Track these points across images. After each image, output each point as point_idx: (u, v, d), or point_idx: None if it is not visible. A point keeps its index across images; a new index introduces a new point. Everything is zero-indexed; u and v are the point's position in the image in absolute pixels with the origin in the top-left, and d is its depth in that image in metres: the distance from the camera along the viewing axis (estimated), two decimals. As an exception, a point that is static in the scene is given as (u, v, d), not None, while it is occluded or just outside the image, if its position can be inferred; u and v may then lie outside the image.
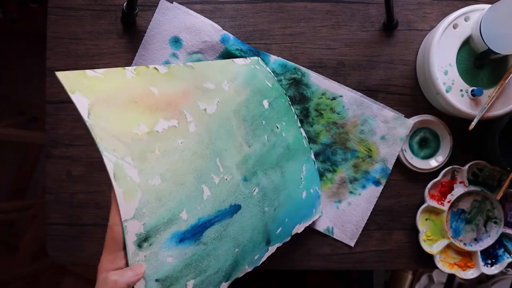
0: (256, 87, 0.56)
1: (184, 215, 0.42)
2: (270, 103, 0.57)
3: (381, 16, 0.63)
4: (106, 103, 0.39)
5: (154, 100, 0.43)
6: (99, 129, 0.38)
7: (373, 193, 0.64)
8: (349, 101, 0.63)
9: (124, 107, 0.40)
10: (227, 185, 0.47)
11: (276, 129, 0.56)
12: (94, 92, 0.39)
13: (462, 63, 0.58)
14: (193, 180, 0.44)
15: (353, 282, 1.09)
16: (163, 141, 0.42)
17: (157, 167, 0.40)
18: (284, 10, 0.63)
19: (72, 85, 0.38)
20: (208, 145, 0.46)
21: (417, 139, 0.64)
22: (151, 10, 0.62)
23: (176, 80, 0.47)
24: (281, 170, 0.56)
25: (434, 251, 0.63)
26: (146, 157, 0.40)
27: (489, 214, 0.64)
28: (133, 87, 0.42)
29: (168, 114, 0.43)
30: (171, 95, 0.45)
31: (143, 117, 0.41)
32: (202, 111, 0.47)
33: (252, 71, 0.56)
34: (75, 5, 0.62)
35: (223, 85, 0.51)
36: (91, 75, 0.40)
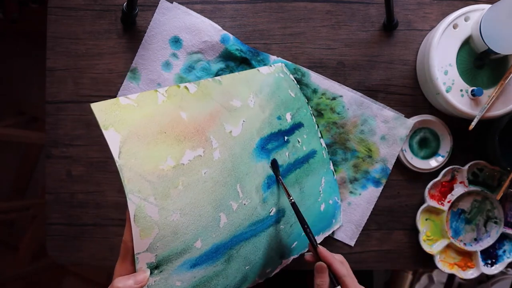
0: (280, 99, 0.55)
1: (198, 244, 0.43)
2: (293, 116, 0.56)
3: (381, 16, 0.63)
4: (137, 137, 0.40)
5: (182, 127, 0.43)
6: (128, 170, 0.38)
7: (373, 193, 0.64)
8: (349, 101, 0.63)
9: (154, 139, 0.41)
10: (244, 209, 0.47)
11: (297, 143, 0.56)
12: (126, 125, 0.40)
13: (462, 63, 0.58)
14: (211, 210, 0.44)
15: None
16: (187, 174, 0.42)
17: (178, 203, 0.41)
18: (284, 10, 0.63)
19: (106, 119, 0.39)
20: (230, 171, 0.46)
21: (417, 139, 0.64)
22: (151, 10, 0.62)
23: (205, 99, 0.47)
24: (300, 186, 0.55)
25: (434, 251, 0.63)
26: (169, 193, 0.40)
27: (489, 214, 0.64)
28: (163, 113, 0.43)
29: (195, 143, 0.44)
30: (199, 120, 0.45)
31: (170, 150, 0.42)
32: (228, 134, 0.47)
33: (276, 80, 0.56)
34: (75, 5, 0.62)
35: (249, 101, 0.51)
36: (124, 104, 0.41)
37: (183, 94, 0.45)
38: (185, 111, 0.44)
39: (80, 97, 0.62)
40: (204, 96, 0.47)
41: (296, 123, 0.57)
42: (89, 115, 0.63)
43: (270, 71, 0.57)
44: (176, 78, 0.61)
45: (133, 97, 0.41)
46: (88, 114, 0.62)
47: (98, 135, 0.63)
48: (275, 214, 0.51)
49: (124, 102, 0.40)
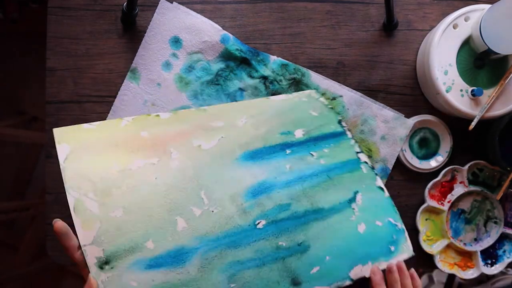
0: (290, 119, 0.55)
1: (150, 244, 0.43)
2: (307, 132, 0.55)
3: (381, 16, 0.63)
4: (86, 149, 0.45)
5: (138, 142, 0.47)
6: (70, 171, 0.43)
7: (373, 193, 0.64)
8: (349, 101, 0.63)
9: (103, 151, 0.45)
10: (213, 217, 0.46)
11: (310, 156, 0.54)
12: (79, 141, 0.45)
13: (462, 63, 0.58)
14: (164, 212, 0.45)
15: (353, 282, 1.09)
16: (134, 178, 0.45)
17: (120, 201, 0.43)
18: (284, 10, 0.63)
19: (62, 137, 0.45)
20: (191, 179, 0.47)
21: (417, 139, 0.64)
22: (151, 10, 0.62)
23: (177, 122, 0.50)
24: (310, 200, 0.50)
25: (434, 251, 0.63)
26: (111, 192, 0.43)
27: (489, 214, 0.64)
28: (121, 133, 0.47)
29: (149, 153, 0.47)
30: (160, 137, 0.48)
31: (119, 158, 0.45)
32: (195, 148, 0.49)
33: (294, 104, 0.56)
34: (75, 5, 0.62)
35: (238, 121, 0.52)
36: (85, 128, 0.46)
37: (151, 121, 0.49)
38: (147, 131, 0.48)
39: (80, 97, 0.62)
40: (177, 120, 0.50)
41: (311, 137, 0.55)
42: (89, 115, 0.62)
43: (288, 98, 0.57)
44: (176, 78, 0.61)
45: (96, 123, 0.47)
46: (88, 114, 0.62)
47: (98, 135, 0.62)
48: (264, 227, 0.47)
49: (85, 126, 0.46)
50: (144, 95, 0.62)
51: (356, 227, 0.51)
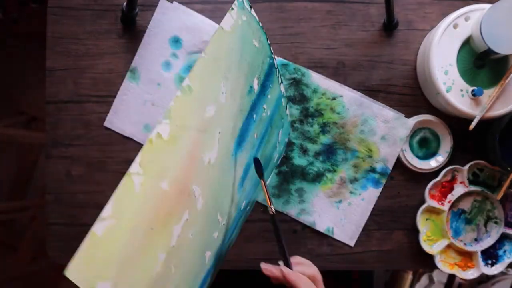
0: (247, 64, 0.46)
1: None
2: (259, 78, 0.48)
3: (381, 16, 0.63)
4: (127, 265, 0.33)
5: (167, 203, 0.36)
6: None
7: (373, 193, 0.64)
8: (349, 101, 0.63)
9: (143, 248, 0.34)
10: (222, 229, 0.45)
11: (263, 112, 0.50)
12: (113, 263, 0.32)
13: (462, 63, 0.58)
14: (198, 258, 0.41)
15: (353, 282, 1.09)
16: (177, 253, 0.37)
17: (173, 285, 0.37)
18: (284, 10, 0.63)
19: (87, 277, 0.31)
20: (211, 208, 0.42)
21: (417, 139, 0.64)
22: (151, 10, 0.62)
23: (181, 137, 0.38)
24: (263, 159, 0.51)
25: (434, 251, 0.63)
26: (165, 286, 0.36)
27: (490, 214, 0.64)
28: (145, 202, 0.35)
29: (180, 212, 0.38)
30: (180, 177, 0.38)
31: (159, 243, 0.36)
32: (207, 167, 0.41)
33: (242, 33, 0.45)
34: (75, 5, 0.62)
35: (221, 95, 0.42)
36: (102, 234, 0.32)
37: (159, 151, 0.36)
38: (165, 177, 0.36)
39: (80, 97, 0.62)
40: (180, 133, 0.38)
41: (261, 84, 0.49)
42: (89, 115, 0.62)
43: (233, 21, 0.44)
44: (176, 78, 0.61)
45: (108, 211, 0.32)
46: (88, 114, 0.62)
47: (98, 135, 0.63)
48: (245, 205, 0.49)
49: (100, 231, 0.32)
50: (144, 95, 0.61)
51: (274, 159, 0.56)
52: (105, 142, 0.62)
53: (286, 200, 0.64)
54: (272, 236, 0.64)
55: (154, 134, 0.35)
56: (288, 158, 0.63)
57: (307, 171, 0.63)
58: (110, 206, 0.32)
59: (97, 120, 0.62)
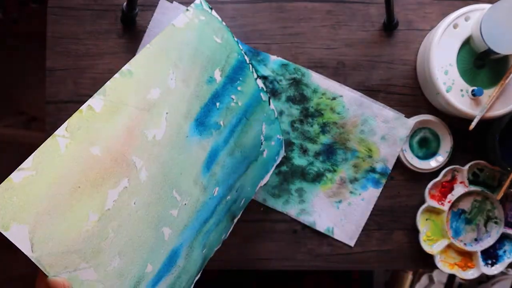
0: (205, 56, 0.47)
1: (149, 268, 0.41)
2: (222, 70, 0.49)
3: (381, 16, 0.63)
4: (48, 215, 0.34)
5: (98, 167, 0.38)
6: (47, 256, 0.34)
7: (373, 193, 0.64)
8: (349, 101, 0.63)
9: (69, 203, 0.35)
10: (186, 209, 0.45)
11: (232, 102, 0.50)
12: (30, 209, 0.33)
13: (462, 63, 0.58)
14: (151, 232, 0.41)
15: (353, 282, 1.09)
16: (115, 217, 0.38)
17: (113, 249, 0.38)
18: (284, 10, 0.63)
19: (3, 217, 0.32)
20: (162, 183, 0.42)
21: (417, 139, 0.64)
22: (151, 10, 0.62)
23: (117, 112, 0.40)
24: (240, 149, 0.51)
25: (434, 251, 0.63)
26: (100, 248, 0.37)
27: (490, 214, 0.64)
28: (71, 164, 0.36)
29: (116, 177, 0.39)
30: (115, 146, 0.39)
31: (91, 203, 0.37)
32: (152, 141, 0.42)
33: (197, 30, 0.47)
34: (75, 5, 0.62)
35: (169, 80, 0.44)
36: (19, 181, 0.33)
37: (89, 121, 0.38)
38: (96, 144, 0.38)
39: (80, 97, 0.62)
40: (115, 108, 0.40)
41: (227, 76, 0.50)
42: (89, 115, 0.62)
43: (188, 19, 0.47)
44: (176, 78, 0.61)
45: (29, 163, 0.34)
46: (88, 114, 0.62)
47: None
48: (218, 192, 0.49)
49: (18, 179, 0.33)
50: (144, 95, 0.62)
51: (263, 155, 0.56)
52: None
53: (286, 200, 0.64)
54: (272, 236, 0.64)
55: (85, 106, 0.39)
56: (288, 158, 0.63)
57: (307, 171, 0.63)
58: (30, 159, 0.35)
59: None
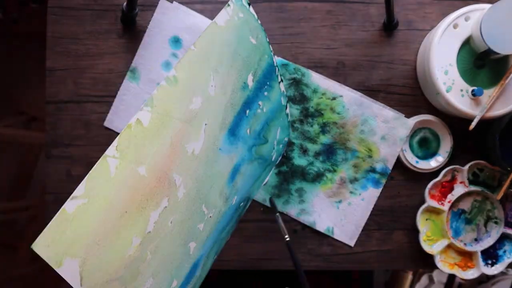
0: (241, 59, 0.46)
1: (174, 283, 0.41)
2: (254, 75, 0.47)
3: (381, 16, 0.63)
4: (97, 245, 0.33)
5: (144, 189, 0.36)
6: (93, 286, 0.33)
7: (373, 193, 0.64)
8: (349, 101, 0.63)
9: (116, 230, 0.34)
10: (210, 222, 0.45)
11: (259, 108, 0.49)
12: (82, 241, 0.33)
13: (462, 63, 0.58)
14: (181, 248, 0.41)
15: (353, 282, 1.09)
16: (154, 239, 0.38)
17: (149, 271, 0.37)
18: (284, 10, 0.63)
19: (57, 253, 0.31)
20: (195, 199, 0.42)
21: (417, 139, 0.64)
22: (151, 10, 0.62)
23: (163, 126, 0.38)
24: (258, 156, 0.51)
25: (434, 251, 0.63)
26: (139, 271, 0.37)
27: (490, 214, 0.64)
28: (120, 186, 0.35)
29: (158, 198, 0.38)
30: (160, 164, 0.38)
31: (135, 227, 0.36)
32: (190, 157, 0.40)
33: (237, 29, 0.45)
34: (75, 5, 0.62)
35: (209, 87, 0.42)
36: (72, 211, 0.32)
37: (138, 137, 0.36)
38: (143, 163, 0.36)
39: (80, 97, 0.62)
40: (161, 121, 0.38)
41: (258, 81, 0.48)
42: (89, 115, 0.62)
43: (229, 16, 0.44)
44: (176, 78, 0.61)
45: (81, 190, 0.33)
46: (88, 114, 0.62)
47: (98, 135, 0.63)
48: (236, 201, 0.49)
49: (71, 209, 0.32)
50: (144, 95, 0.61)
51: (272, 158, 0.55)
52: (105, 142, 0.62)
53: (286, 200, 0.64)
54: (272, 236, 0.64)
55: (134, 120, 0.36)
56: (288, 158, 0.63)
57: (307, 171, 0.63)
58: (83, 185, 0.33)
59: (97, 120, 0.62)
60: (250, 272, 1.13)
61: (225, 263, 0.64)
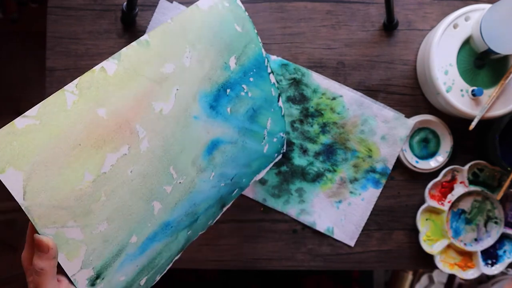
0: (223, 42, 0.48)
1: (133, 239, 0.41)
2: (238, 59, 0.49)
3: (381, 16, 0.63)
4: (45, 166, 0.34)
5: (101, 129, 0.38)
6: (37, 207, 0.34)
7: (373, 193, 0.64)
8: (349, 101, 0.63)
9: (67, 159, 0.35)
10: (179, 187, 0.45)
11: (242, 92, 0.50)
12: (29, 156, 0.33)
13: (462, 63, 0.58)
14: (143, 204, 0.41)
15: (353, 282, 1.09)
16: (110, 182, 0.38)
17: (103, 213, 0.38)
18: (284, 10, 0.63)
19: (0, 159, 0.32)
20: (161, 157, 0.42)
21: (417, 139, 0.64)
22: (151, 10, 0.62)
23: (130, 79, 0.40)
24: (242, 140, 0.52)
25: (434, 251, 0.63)
26: (90, 209, 0.37)
27: (490, 214, 0.64)
28: (76, 120, 0.36)
29: (117, 143, 0.39)
30: (122, 112, 0.39)
31: (88, 163, 0.37)
32: (157, 115, 0.42)
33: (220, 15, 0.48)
34: (75, 5, 0.62)
35: (185, 58, 0.44)
36: (22, 127, 0.33)
37: (100, 82, 0.38)
38: (103, 106, 0.38)
39: (80, 97, 0.62)
40: (127, 75, 0.40)
41: (242, 65, 0.50)
42: (89, 115, 0.62)
43: (212, 3, 0.47)
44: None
45: (34, 112, 0.34)
46: (88, 114, 0.62)
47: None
48: (214, 179, 0.49)
49: (21, 125, 0.33)
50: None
51: (263, 150, 0.55)
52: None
53: (286, 200, 0.64)
54: (272, 236, 0.64)
55: (98, 67, 0.38)
56: (288, 158, 0.63)
57: (307, 171, 0.63)
58: (36, 108, 0.35)
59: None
60: (250, 272, 1.13)
61: (225, 263, 0.64)
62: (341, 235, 0.64)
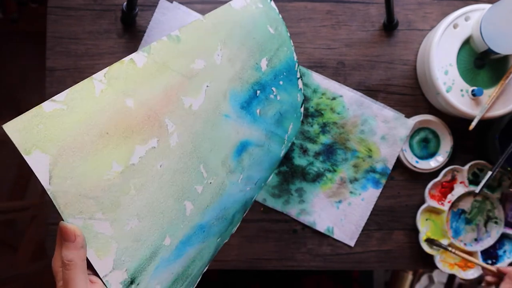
0: (255, 42, 0.47)
1: (167, 241, 0.40)
2: (269, 60, 0.49)
3: (381, 16, 0.63)
4: (71, 151, 0.33)
5: (129, 119, 0.37)
6: (63, 194, 0.33)
7: (373, 193, 0.64)
8: (349, 101, 0.63)
9: (94, 147, 0.34)
10: (210, 188, 0.44)
11: (272, 94, 0.50)
12: (56, 140, 0.32)
13: (462, 63, 0.58)
14: (173, 202, 0.40)
15: (353, 282, 1.09)
16: (139, 174, 0.37)
17: (132, 208, 0.37)
18: (284, 10, 0.63)
19: (27, 140, 0.31)
20: (191, 154, 0.41)
21: (417, 139, 0.64)
22: (151, 10, 0.62)
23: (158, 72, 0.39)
24: (268, 143, 0.51)
25: (434, 251, 0.63)
26: (119, 202, 0.36)
27: (490, 214, 0.64)
28: (103, 108, 0.35)
29: (146, 135, 0.38)
30: (150, 103, 0.38)
31: (116, 153, 0.36)
32: (187, 110, 0.41)
33: (253, 16, 0.47)
34: (75, 5, 0.62)
35: (216, 56, 0.44)
36: (49, 111, 0.32)
37: (128, 73, 0.37)
38: (131, 96, 0.37)
39: (80, 97, 0.62)
40: (157, 68, 0.39)
41: (273, 67, 0.50)
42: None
43: (246, 3, 0.47)
44: (176, 78, 0.61)
45: (62, 97, 0.33)
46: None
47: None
48: (241, 182, 0.48)
49: (49, 108, 0.32)
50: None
51: (280, 153, 0.56)
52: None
53: (286, 200, 0.64)
54: (272, 236, 0.64)
55: (128, 58, 0.37)
56: (288, 158, 0.63)
57: (307, 171, 0.63)
58: (64, 93, 0.33)
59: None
60: (250, 272, 1.13)
61: (225, 263, 0.64)
62: (341, 235, 0.64)
